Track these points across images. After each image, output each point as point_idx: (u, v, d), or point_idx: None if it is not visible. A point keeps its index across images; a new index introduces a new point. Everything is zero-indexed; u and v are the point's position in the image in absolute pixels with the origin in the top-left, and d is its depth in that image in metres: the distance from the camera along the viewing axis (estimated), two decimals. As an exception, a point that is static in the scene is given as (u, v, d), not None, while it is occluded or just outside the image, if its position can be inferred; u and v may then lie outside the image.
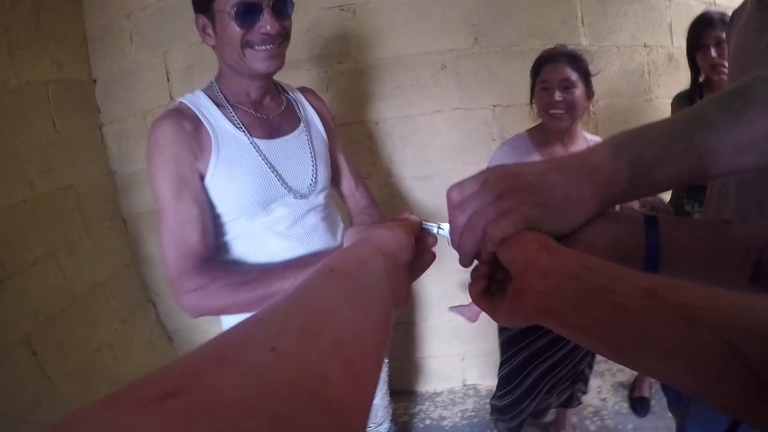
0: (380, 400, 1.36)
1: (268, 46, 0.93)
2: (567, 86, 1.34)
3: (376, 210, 1.23)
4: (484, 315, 1.10)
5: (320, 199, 1.09)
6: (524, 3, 1.73)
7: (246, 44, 0.92)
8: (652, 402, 2.02)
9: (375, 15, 1.71)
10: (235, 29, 0.90)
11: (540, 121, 1.44)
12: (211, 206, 0.96)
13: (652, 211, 0.81)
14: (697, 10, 1.64)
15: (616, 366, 2.19)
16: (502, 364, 1.66)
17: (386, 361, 1.35)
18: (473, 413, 2.10)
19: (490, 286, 0.47)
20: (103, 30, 1.80)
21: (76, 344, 1.68)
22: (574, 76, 1.34)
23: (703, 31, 1.54)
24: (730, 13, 1.10)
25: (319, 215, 1.08)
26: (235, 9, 0.89)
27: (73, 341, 1.65)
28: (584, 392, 1.81)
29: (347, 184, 1.23)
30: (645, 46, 1.86)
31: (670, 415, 1.91)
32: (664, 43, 1.88)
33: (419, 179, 1.86)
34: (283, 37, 0.96)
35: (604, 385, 2.19)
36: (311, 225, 1.06)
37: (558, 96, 1.33)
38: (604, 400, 2.11)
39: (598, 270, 0.35)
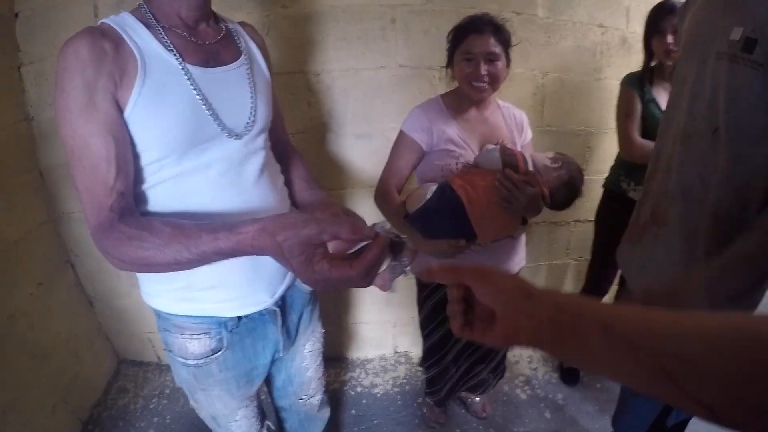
0: (314, 371, 1.27)
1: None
2: (492, 59, 1.27)
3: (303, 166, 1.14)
4: (401, 283, 1.06)
5: (259, 142, 0.95)
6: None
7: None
8: (582, 373, 2.10)
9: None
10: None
11: (455, 86, 1.39)
12: (132, 144, 0.80)
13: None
14: (656, -2, 1.63)
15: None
16: (425, 338, 1.65)
17: (321, 331, 1.28)
18: (405, 380, 2.11)
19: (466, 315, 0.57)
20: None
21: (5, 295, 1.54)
22: (498, 48, 1.28)
23: (663, 17, 1.56)
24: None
25: (259, 163, 0.94)
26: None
27: None
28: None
29: (278, 133, 1.11)
30: (601, 26, 1.83)
31: (599, 385, 1.99)
32: (619, 25, 1.87)
33: (358, 137, 1.78)
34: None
35: (535, 355, 2.25)
36: (249, 173, 0.92)
37: (483, 69, 1.27)
38: (534, 369, 2.17)
39: (566, 310, 0.47)
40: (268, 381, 1.25)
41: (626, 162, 1.72)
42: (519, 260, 1.52)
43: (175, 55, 0.82)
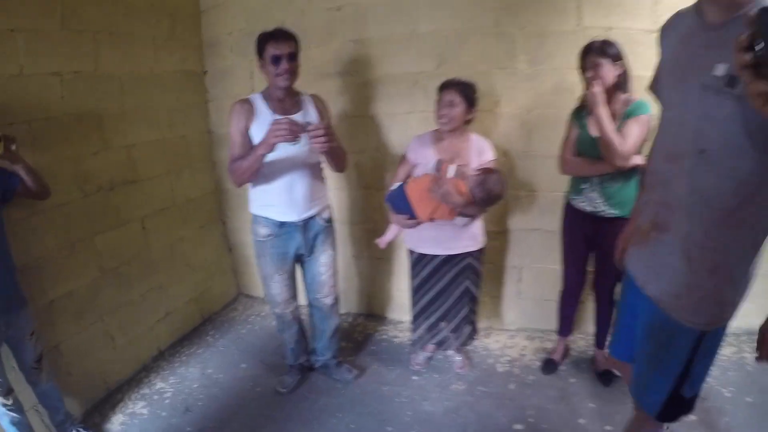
0: (327, 278, 2.20)
1: (283, 75, 1.89)
2: (451, 105, 2.01)
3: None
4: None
5: (304, 149, 1.92)
6: (476, 38, 2.38)
7: (275, 74, 1.90)
8: (561, 367, 2.45)
9: (375, 47, 2.55)
10: (269, 67, 1.90)
11: None
12: (252, 142, 1.91)
13: None
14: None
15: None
16: (415, 303, 2.35)
17: (332, 252, 2.20)
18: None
19: None
20: (213, 40, 2.90)
21: (170, 231, 2.76)
22: (457, 99, 2.00)
23: (584, 56, 1.95)
24: (611, 42, 1.86)
25: (301, 158, 1.96)
26: (269, 57, 1.87)
27: (167, 229, 2.73)
28: (473, 336, 2.40)
29: None
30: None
31: (573, 380, 2.31)
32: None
33: (392, 155, 2.65)
34: (291, 72, 1.89)
35: (531, 346, 2.65)
36: (300, 163, 1.98)
37: (442, 112, 2.02)
38: (522, 355, 2.58)
39: None
40: (304, 279, 2.27)
41: (571, 177, 2.14)
42: (466, 245, 2.16)
43: (271, 110, 1.91)
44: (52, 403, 1.95)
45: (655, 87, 1.26)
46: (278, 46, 1.87)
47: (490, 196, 1.97)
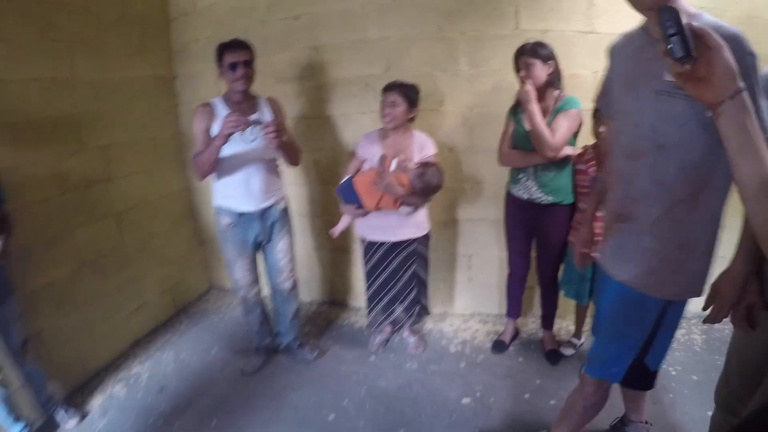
0: (284, 264, 2.42)
1: (239, 80, 2.10)
2: (393, 105, 2.22)
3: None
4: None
5: (259, 146, 2.16)
6: (421, 43, 2.60)
7: (233, 79, 2.11)
8: (511, 348, 2.66)
9: (330, 53, 2.76)
10: (228, 73, 2.10)
11: None
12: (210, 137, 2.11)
13: None
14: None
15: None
16: (368, 287, 2.56)
17: (288, 240, 2.43)
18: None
19: None
20: (181, 47, 3.11)
21: (143, 226, 2.95)
22: (398, 99, 2.22)
23: (517, 57, 2.13)
24: (542, 43, 2.06)
25: (257, 154, 2.18)
26: (227, 64, 2.08)
27: (141, 224, 2.92)
28: (423, 315, 2.62)
29: None
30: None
31: (521, 359, 2.52)
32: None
33: (347, 152, 2.83)
34: (247, 77, 2.12)
35: (483, 329, 2.85)
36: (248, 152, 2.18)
37: (386, 112, 2.24)
38: (474, 337, 2.78)
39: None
40: (265, 266, 2.49)
41: (509, 169, 2.35)
42: (411, 232, 2.38)
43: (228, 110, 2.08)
44: (36, 385, 2.13)
45: (603, 101, 1.41)
46: (234, 54, 2.10)
47: (429, 186, 2.19)
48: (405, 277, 2.45)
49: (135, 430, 2.20)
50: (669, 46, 0.75)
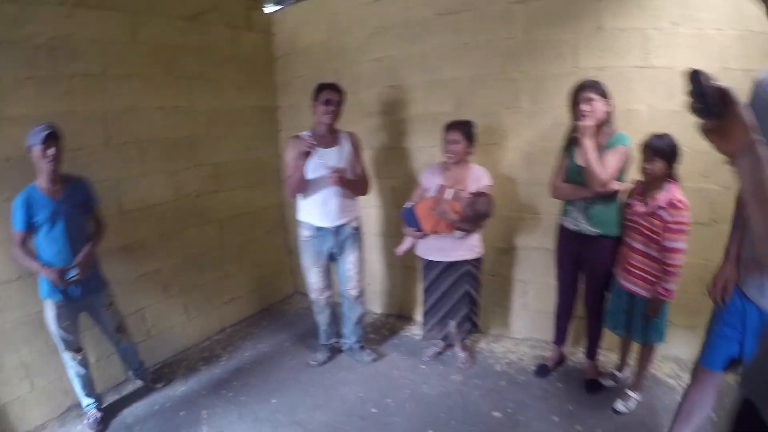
0: (353, 274, 2.77)
1: (328, 114, 2.53)
2: (455, 142, 2.50)
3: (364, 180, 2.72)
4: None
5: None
6: (487, 83, 2.86)
7: (323, 113, 2.54)
8: (554, 373, 2.74)
9: (407, 91, 3.12)
10: (320, 107, 2.53)
11: None
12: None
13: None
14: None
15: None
16: (425, 301, 2.81)
17: (358, 254, 2.77)
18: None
19: None
20: (284, 82, 3.65)
21: (241, 233, 3.47)
22: (459, 137, 2.49)
23: (577, 92, 2.21)
24: (601, 82, 2.13)
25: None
26: (322, 100, 2.52)
27: (240, 231, 3.44)
28: (473, 331, 2.80)
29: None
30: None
31: (560, 384, 2.61)
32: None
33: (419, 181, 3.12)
34: (335, 113, 2.55)
35: (531, 353, 2.95)
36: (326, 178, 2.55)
37: (448, 148, 2.52)
38: (521, 359, 2.88)
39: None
40: (337, 275, 2.87)
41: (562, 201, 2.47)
42: (463, 254, 2.62)
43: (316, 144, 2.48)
44: (129, 359, 2.64)
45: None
46: (330, 93, 2.56)
47: (479, 214, 2.43)
48: (457, 295, 2.66)
49: (209, 396, 2.65)
50: (693, 104, 0.80)
